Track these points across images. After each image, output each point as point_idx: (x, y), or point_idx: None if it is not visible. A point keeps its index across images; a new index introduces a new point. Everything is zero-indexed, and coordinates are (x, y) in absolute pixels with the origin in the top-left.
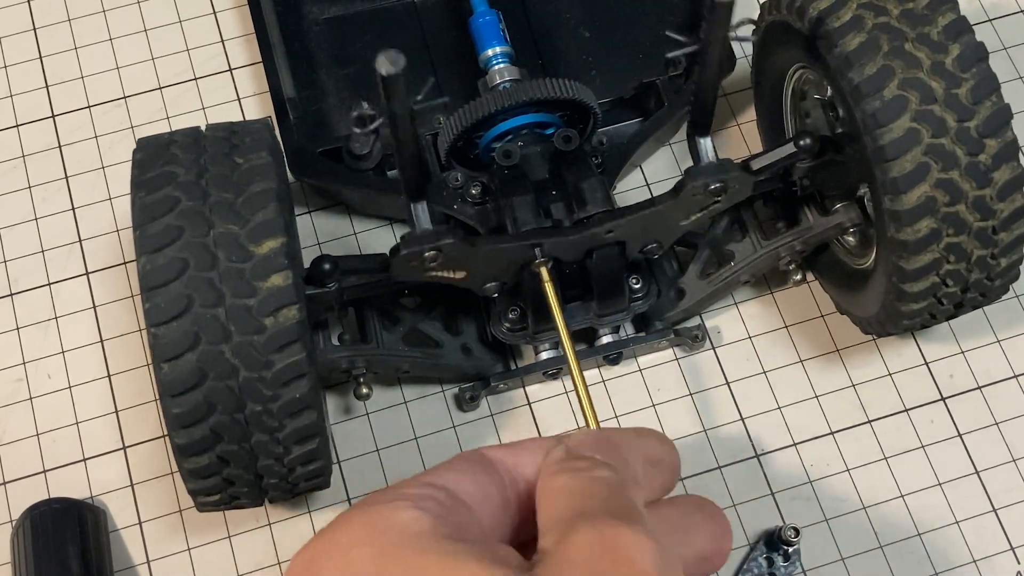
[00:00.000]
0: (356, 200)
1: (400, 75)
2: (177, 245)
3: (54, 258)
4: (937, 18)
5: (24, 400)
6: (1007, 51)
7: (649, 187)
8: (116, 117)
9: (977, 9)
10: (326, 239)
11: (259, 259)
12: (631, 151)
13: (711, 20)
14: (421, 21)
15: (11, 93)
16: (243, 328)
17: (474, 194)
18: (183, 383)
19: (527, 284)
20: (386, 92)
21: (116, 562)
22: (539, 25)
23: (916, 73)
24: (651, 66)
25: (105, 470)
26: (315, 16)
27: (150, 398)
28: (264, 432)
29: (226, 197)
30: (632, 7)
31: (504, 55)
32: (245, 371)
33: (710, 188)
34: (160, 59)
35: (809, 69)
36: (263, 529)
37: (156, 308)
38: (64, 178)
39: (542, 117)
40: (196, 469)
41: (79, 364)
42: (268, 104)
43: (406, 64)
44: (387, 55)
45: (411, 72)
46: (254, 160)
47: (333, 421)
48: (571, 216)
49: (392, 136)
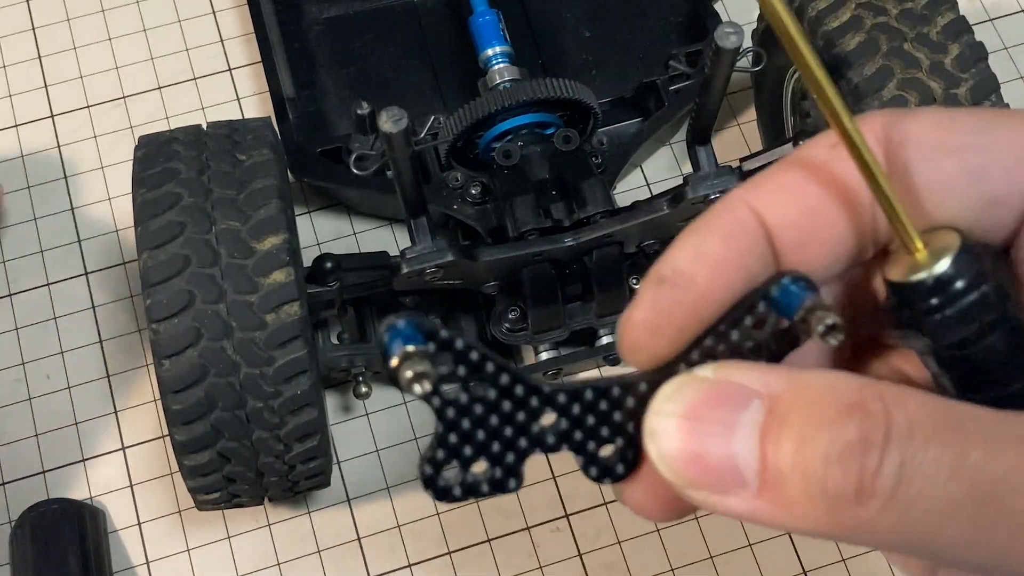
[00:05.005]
0: (356, 200)
1: (401, 133)
2: (179, 241)
3: (53, 258)
4: (936, 18)
5: (23, 400)
6: (1008, 51)
7: (649, 187)
8: (115, 117)
9: (977, 9)
10: (326, 239)
11: (261, 255)
12: (631, 151)
13: (715, 60)
14: (421, 21)
15: (10, 93)
16: (244, 324)
17: (474, 194)
18: (184, 379)
19: (527, 283)
20: (388, 145)
21: (115, 563)
22: (539, 25)
23: (915, 73)
24: (651, 66)
25: (104, 470)
26: (315, 16)
27: (149, 398)
28: (265, 429)
29: (228, 194)
30: (632, 7)
31: (504, 55)
32: (246, 367)
33: (710, 198)
34: (159, 59)
35: None
36: (263, 529)
37: (157, 304)
38: (64, 178)
39: (542, 117)
40: (196, 466)
41: (78, 364)
42: (268, 104)
43: (408, 123)
44: (389, 113)
45: (411, 74)
46: (256, 157)
47: (333, 421)
48: (571, 216)
49: (393, 168)
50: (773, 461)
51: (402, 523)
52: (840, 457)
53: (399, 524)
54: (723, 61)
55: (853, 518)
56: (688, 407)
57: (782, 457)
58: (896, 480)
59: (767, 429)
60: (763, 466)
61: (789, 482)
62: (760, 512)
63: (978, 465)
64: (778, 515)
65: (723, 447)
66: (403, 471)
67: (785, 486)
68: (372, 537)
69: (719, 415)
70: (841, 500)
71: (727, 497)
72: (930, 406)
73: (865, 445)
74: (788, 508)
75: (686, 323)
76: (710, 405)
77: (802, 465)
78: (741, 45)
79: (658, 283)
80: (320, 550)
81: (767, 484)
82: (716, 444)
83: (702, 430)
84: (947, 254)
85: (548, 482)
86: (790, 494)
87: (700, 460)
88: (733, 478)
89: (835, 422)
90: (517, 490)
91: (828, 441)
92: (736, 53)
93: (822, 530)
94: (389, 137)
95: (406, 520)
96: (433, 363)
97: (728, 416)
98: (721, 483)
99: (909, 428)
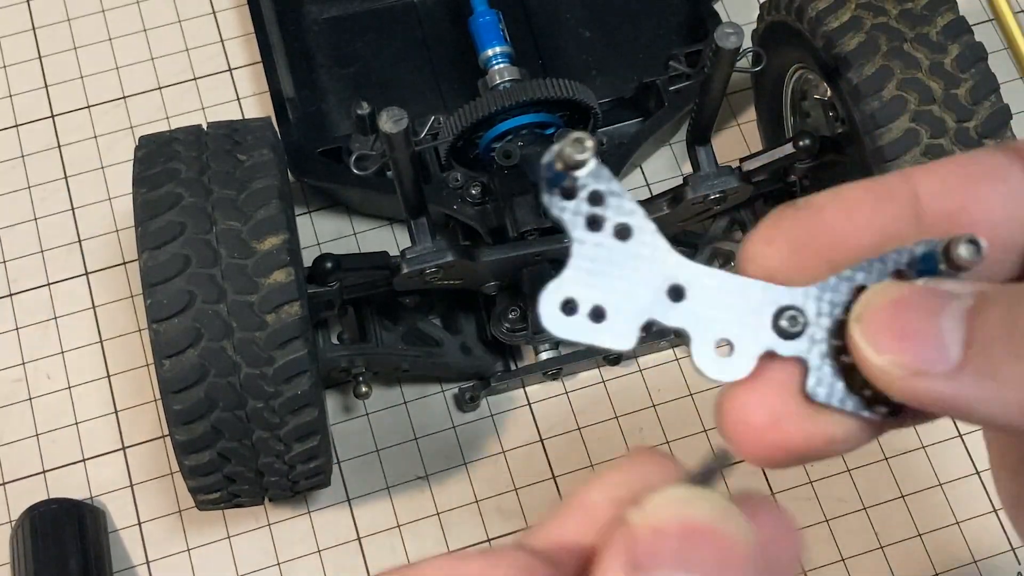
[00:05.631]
0: (356, 200)
1: (402, 133)
2: (179, 241)
3: (54, 258)
4: (936, 18)
5: (24, 400)
6: (1007, 51)
7: (649, 187)
8: (116, 117)
9: (977, 9)
10: (326, 239)
11: (261, 255)
12: (631, 151)
13: (715, 61)
14: (421, 21)
15: (11, 93)
16: (245, 324)
17: (474, 194)
18: (184, 379)
19: (527, 283)
20: (388, 145)
21: (116, 562)
22: (539, 25)
23: (915, 73)
24: (651, 66)
25: (105, 470)
26: (315, 16)
27: (149, 398)
28: (265, 429)
29: (228, 194)
30: (632, 7)
31: (504, 55)
32: (246, 367)
33: (710, 198)
34: (160, 59)
35: (809, 69)
36: (263, 529)
37: (158, 304)
38: (64, 178)
39: (542, 117)
40: (197, 466)
41: (78, 364)
42: (268, 104)
43: (408, 123)
44: (389, 113)
45: (411, 74)
46: (256, 157)
47: (333, 421)
48: None
49: (393, 169)
50: (981, 331)
51: (402, 523)
52: None
53: (399, 524)
54: (723, 61)
55: None
56: (900, 294)
57: (989, 324)
58: None
59: (975, 309)
60: (970, 338)
61: (995, 344)
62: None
63: None
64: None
65: (931, 323)
66: (403, 471)
67: (993, 354)
68: (372, 537)
69: (929, 302)
70: None
71: (925, 376)
72: None
73: None
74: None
75: (804, 243)
76: (921, 295)
77: (1009, 326)
78: (741, 45)
79: (787, 207)
80: (320, 550)
81: (973, 355)
82: (925, 321)
83: (912, 309)
84: None
85: (548, 482)
86: (998, 362)
87: (906, 335)
88: (939, 353)
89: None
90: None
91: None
92: (736, 53)
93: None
94: (389, 137)
95: (406, 520)
96: None
97: (938, 303)
98: (925, 358)
99: None
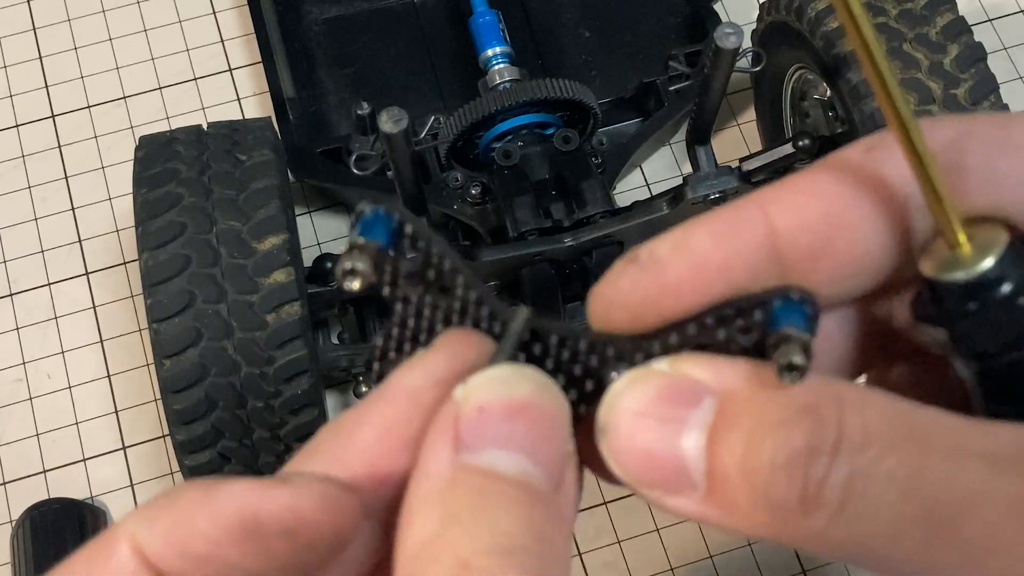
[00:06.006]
0: (356, 200)
1: (402, 133)
2: (179, 241)
3: (54, 258)
4: (936, 18)
5: (24, 400)
6: (1007, 51)
7: (649, 187)
8: (116, 117)
9: (977, 9)
10: (326, 239)
11: (261, 255)
12: (631, 151)
13: (715, 61)
14: (421, 21)
15: (11, 93)
16: (245, 324)
17: (474, 194)
18: (184, 379)
19: (527, 283)
20: (388, 145)
21: None
22: (539, 25)
23: (914, 73)
24: (651, 66)
25: (105, 470)
26: (315, 16)
27: (150, 398)
28: (265, 429)
29: (228, 194)
30: (632, 7)
31: (504, 55)
32: (247, 367)
33: (710, 198)
34: (160, 59)
35: (808, 69)
36: None
37: (158, 304)
38: (64, 178)
39: (542, 117)
40: (197, 466)
41: (79, 364)
42: (268, 104)
43: (408, 123)
44: (389, 113)
45: (411, 74)
46: (256, 157)
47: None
48: (571, 216)
49: (393, 169)
50: (720, 464)
51: None
52: (785, 464)
53: None
54: (723, 61)
55: (799, 528)
56: (640, 403)
57: (729, 460)
58: (844, 492)
59: (716, 429)
60: (711, 468)
61: (735, 487)
62: (708, 515)
63: (933, 484)
64: (726, 519)
65: (672, 447)
66: None
67: (731, 491)
68: None
69: (670, 413)
70: (785, 509)
71: (677, 497)
72: (892, 413)
73: (812, 453)
74: (735, 513)
75: (645, 308)
76: (662, 401)
77: (747, 470)
78: (741, 45)
79: (629, 262)
80: None
81: (714, 487)
82: (665, 443)
83: (652, 428)
84: (992, 251)
85: None
86: (736, 499)
87: (650, 459)
88: (682, 479)
89: (784, 425)
90: None
91: (774, 446)
92: (736, 53)
93: (770, 537)
94: (389, 137)
95: None
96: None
97: (679, 414)
98: (670, 483)
99: (863, 437)
